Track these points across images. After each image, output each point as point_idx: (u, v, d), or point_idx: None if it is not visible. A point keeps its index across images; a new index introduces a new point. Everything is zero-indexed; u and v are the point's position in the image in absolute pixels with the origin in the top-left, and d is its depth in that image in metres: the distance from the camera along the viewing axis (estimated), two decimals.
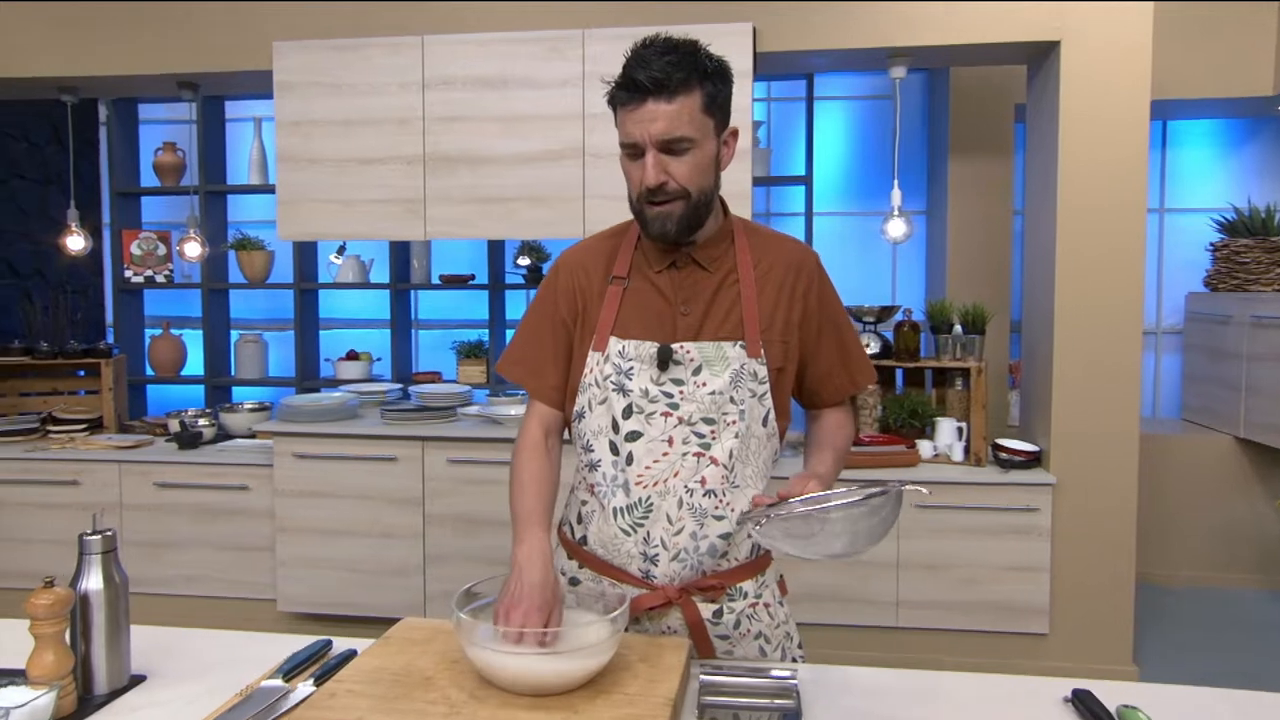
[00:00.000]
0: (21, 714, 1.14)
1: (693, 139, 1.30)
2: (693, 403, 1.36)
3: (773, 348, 1.40)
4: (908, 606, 3.30)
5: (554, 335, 1.46)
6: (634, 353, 1.38)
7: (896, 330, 3.51)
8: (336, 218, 3.40)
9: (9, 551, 3.68)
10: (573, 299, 1.45)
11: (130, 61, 3.51)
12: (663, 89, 1.27)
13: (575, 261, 1.48)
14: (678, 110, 1.28)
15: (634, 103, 1.28)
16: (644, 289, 1.42)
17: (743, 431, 1.37)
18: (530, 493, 1.39)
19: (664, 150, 1.29)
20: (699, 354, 1.37)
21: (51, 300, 4.30)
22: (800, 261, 1.46)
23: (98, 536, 1.29)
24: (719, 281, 1.41)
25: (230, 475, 3.54)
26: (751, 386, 1.38)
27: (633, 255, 1.44)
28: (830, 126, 4.69)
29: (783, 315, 1.42)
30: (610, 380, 1.39)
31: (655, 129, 1.28)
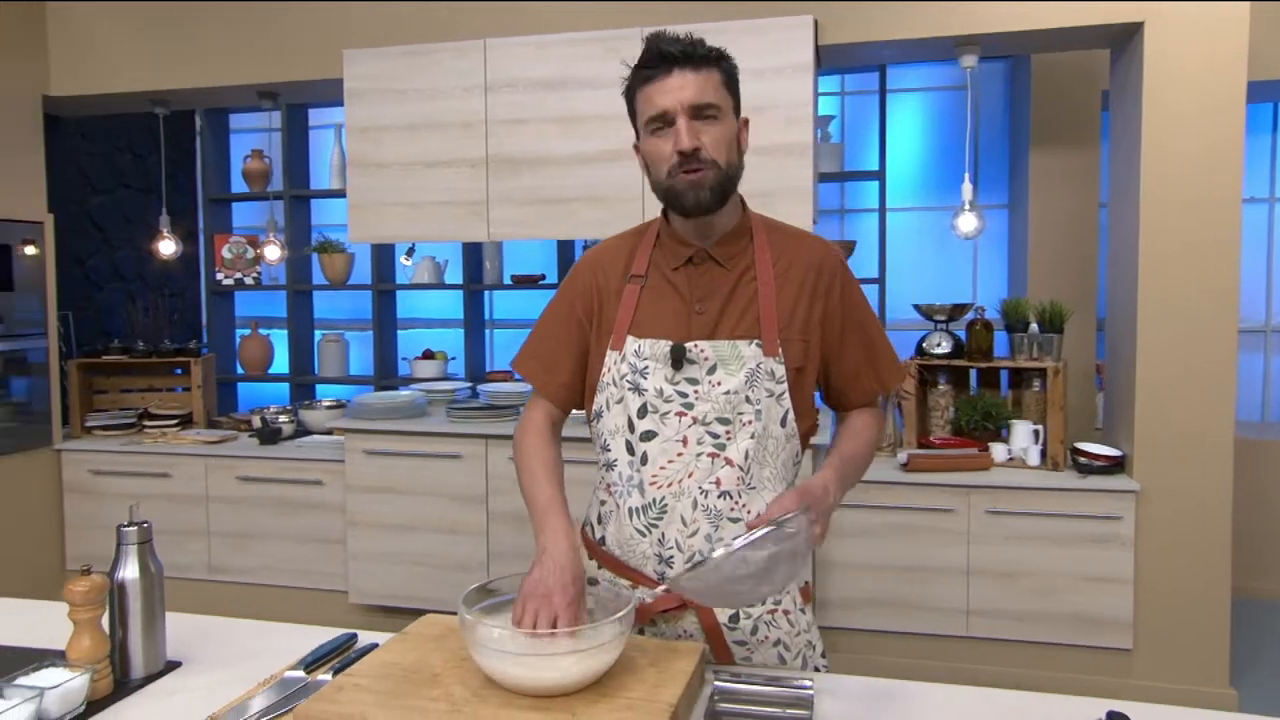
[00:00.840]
0: (55, 695, 1.20)
1: (720, 107, 1.33)
2: (707, 402, 1.34)
3: (792, 347, 1.37)
4: (978, 616, 3.18)
5: (568, 333, 1.46)
6: (649, 352, 1.36)
7: (969, 329, 3.38)
8: (404, 220, 3.49)
9: (106, 538, 3.90)
10: (589, 298, 1.45)
11: (213, 73, 3.68)
12: (689, 59, 1.31)
13: (594, 260, 1.48)
14: (705, 79, 1.31)
15: (661, 75, 1.31)
16: (661, 287, 1.40)
17: (759, 432, 1.34)
18: (544, 480, 1.38)
19: (695, 117, 1.30)
20: (713, 353, 1.35)
21: (151, 302, 4.55)
22: (821, 259, 1.42)
23: (134, 528, 1.35)
24: (736, 279, 1.39)
25: (306, 470, 3.68)
26: (769, 386, 1.35)
27: (651, 254, 1.43)
28: (907, 119, 4.55)
29: (803, 313, 1.38)
30: (626, 379, 1.38)
31: (686, 95, 1.29)
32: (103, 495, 3.88)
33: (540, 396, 1.49)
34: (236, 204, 5.02)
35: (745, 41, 3.15)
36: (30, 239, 3.79)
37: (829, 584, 3.26)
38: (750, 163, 1.26)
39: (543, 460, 1.41)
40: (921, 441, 3.41)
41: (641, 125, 1.35)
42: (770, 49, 3.12)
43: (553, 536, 1.28)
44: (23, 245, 3.76)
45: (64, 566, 3.96)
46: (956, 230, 3.27)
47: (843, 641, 3.29)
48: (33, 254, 3.81)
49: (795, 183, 3.13)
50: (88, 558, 3.93)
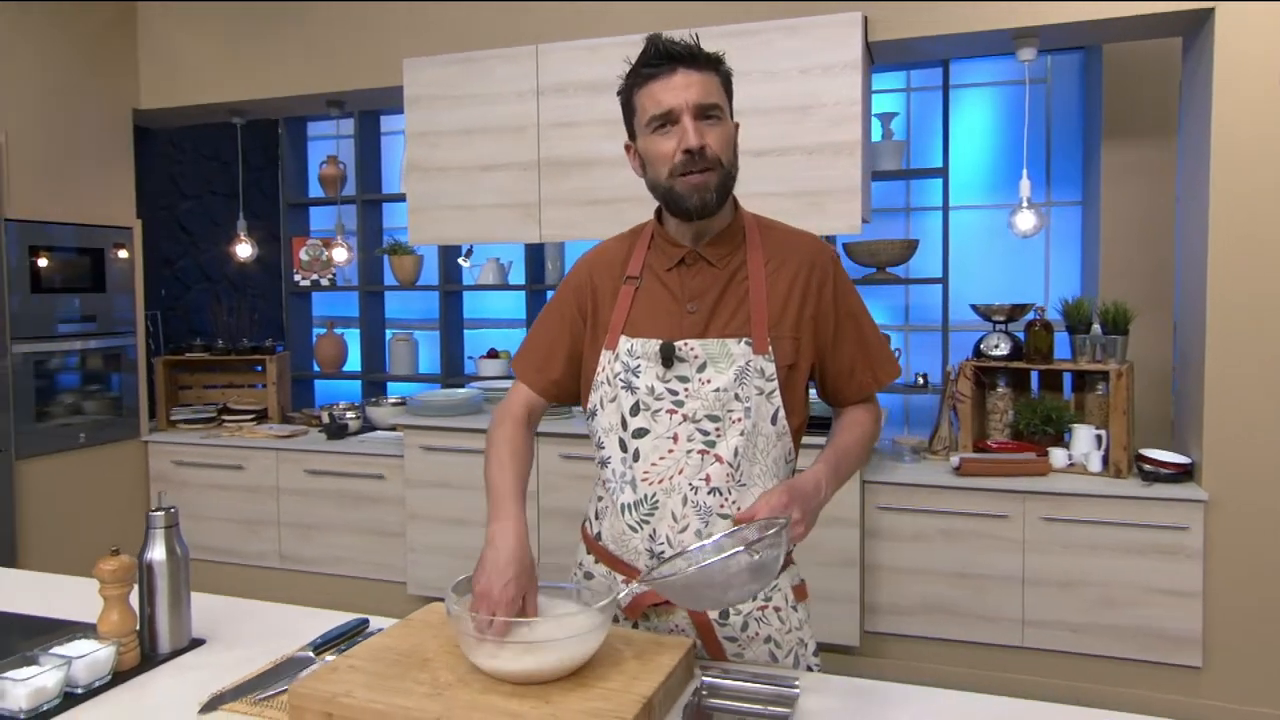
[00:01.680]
0: (82, 664, 1.30)
1: (722, 108, 1.34)
2: (697, 400, 1.35)
3: (782, 344, 1.37)
4: (1034, 626, 3.08)
5: (563, 333, 1.49)
6: (641, 350, 1.39)
7: (1028, 330, 3.28)
8: (460, 222, 3.59)
9: (189, 525, 4.12)
10: (584, 298, 1.48)
11: (285, 84, 3.87)
12: (694, 59, 1.33)
13: (591, 261, 1.51)
14: (708, 79, 1.33)
15: (665, 73, 1.32)
16: (654, 287, 1.42)
17: (749, 429, 1.35)
18: (509, 469, 1.41)
19: (699, 116, 1.31)
20: (703, 351, 1.36)
21: (235, 303, 4.80)
22: (814, 257, 1.42)
23: (161, 513, 1.44)
24: (728, 278, 1.40)
25: (369, 465, 3.82)
26: (758, 384, 1.36)
27: (645, 255, 1.45)
28: (977, 115, 4.43)
29: (794, 311, 1.39)
30: (620, 378, 1.40)
31: (692, 94, 1.31)
32: (184, 485, 4.11)
33: (522, 385, 1.51)
34: (314, 208, 5.23)
35: (791, 40, 3.14)
36: (121, 243, 4.04)
37: (878, 588, 3.21)
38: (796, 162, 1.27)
39: (511, 449, 1.44)
40: (977, 445, 3.32)
41: (642, 124, 1.35)
42: (817, 47, 3.09)
43: (500, 527, 1.31)
44: (115, 249, 4.01)
45: None
46: (1014, 229, 3.18)
47: (893, 648, 3.24)
48: (124, 257, 4.07)
49: (843, 182, 3.10)
50: None
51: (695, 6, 3.29)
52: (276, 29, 3.90)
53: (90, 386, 3.97)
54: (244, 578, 4.07)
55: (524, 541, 1.30)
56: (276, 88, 3.89)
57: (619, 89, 1.40)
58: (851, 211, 3.08)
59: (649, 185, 1.40)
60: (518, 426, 1.48)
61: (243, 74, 3.97)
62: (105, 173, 3.99)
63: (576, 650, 1.19)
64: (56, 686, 1.25)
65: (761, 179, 3.21)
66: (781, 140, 3.17)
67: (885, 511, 3.20)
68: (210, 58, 4.03)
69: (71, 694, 1.28)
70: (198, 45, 4.04)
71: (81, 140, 3.88)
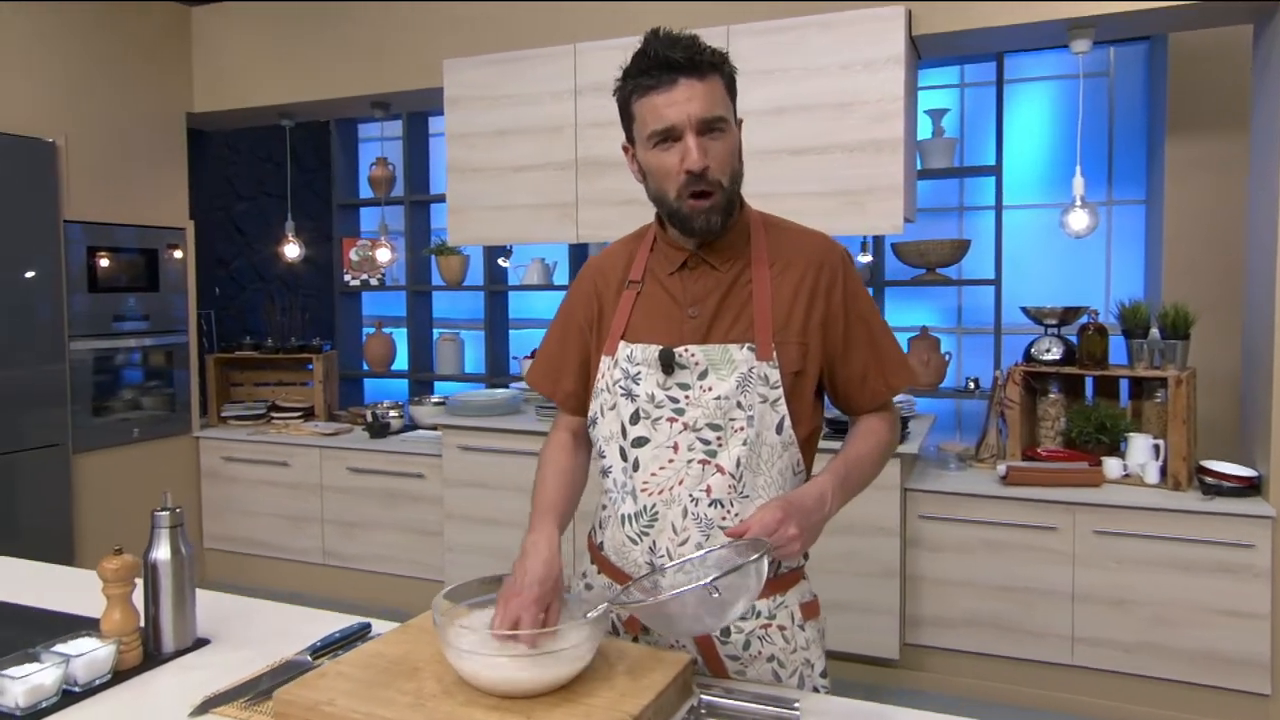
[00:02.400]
0: (80, 662, 1.30)
1: (726, 120, 1.27)
2: (698, 408, 1.30)
3: (788, 350, 1.31)
4: (1085, 644, 2.94)
5: (572, 342, 1.46)
6: (641, 357, 1.34)
7: (1080, 334, 3.14)
8: (498, 223, 3.59)
9: (236, 520, 4.23)
10: (589, 304, 1.44)
11: (331, 86, 3.92)
12: (695, 66, 1.24)
13: (596, 267, 1.47)
14: (711, 89, 1.25)
15: (665, 85, 1.24)
16: (656, 293, 1.38)
17: (752, 439, 1.29)
18: (550, 486, 1.40)
19: (703, 132, 1.24)
20: (704, 357, 1.31)
21: (288, 302, 4.89)
22: (822, 257, 1.35)
23: (166, 513, 1.45)
24: (731, 281, 1.34)
25: (409, 464, 3.84)
26: (762, 391, 1.29)
27: (648, 259, 1.40)
28: (1034, 110, 4.27)
29: (801, 315, 1.32)
30: (619, 385, 1.36)
31: (694, 108, 1.23)
32: (233, 480, 4.20)
33: (560, 410, 1.50)
34: (365, 209, 5.31)
35: (831, 35, 3.05)
36: (175, 244, 4.15)
37: (920, 600, 3.11)
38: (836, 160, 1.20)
39: (555, 468, 1.43)
40: (1026, 453, 3.19)
41: (643, 136, 1.28)
42: (858, 42, 3.00)
43: (533, 539, 1.29)
44: (169, 249, 4.12)
45: (202, 545, 4.31)
46: (1067, 228, 3.05)
47: (936, 662, 3.13)
48: (177, 257, 4.17)
49: (885, 180, 3.00)
50: (221, 537, 4.27)
51: (734, 6, 3.23)
52: (323, 32, 3.95)
53: (144, 383, 4.08)
54: (289, 573, 4.14)
55: (554, 555, 1.28)
56: (323, 90, 3.95)
57: (614, 89, 1.33)
58: (893, 211, 2.99)
59: (651, 196, 1.34)
60: (562, 448, 1.47)
61: (290, 77, 4.03)
62: (160, 175, 4.10)
63: (564, 665, 1.15)
64: (54, 685, 1.26)
65: (800, 178, 3.13)
66: (821, 138, 3.08)
67: (928, 521, 3.09)
68: (259, 61, 4.11)
69: (70, 692, 1.29)
70: (248, 49, 4.13)
71: (137, 143, 3.99)
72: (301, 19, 4.01)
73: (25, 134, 3.52)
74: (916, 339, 3.98)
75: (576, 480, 1.44)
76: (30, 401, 3.54)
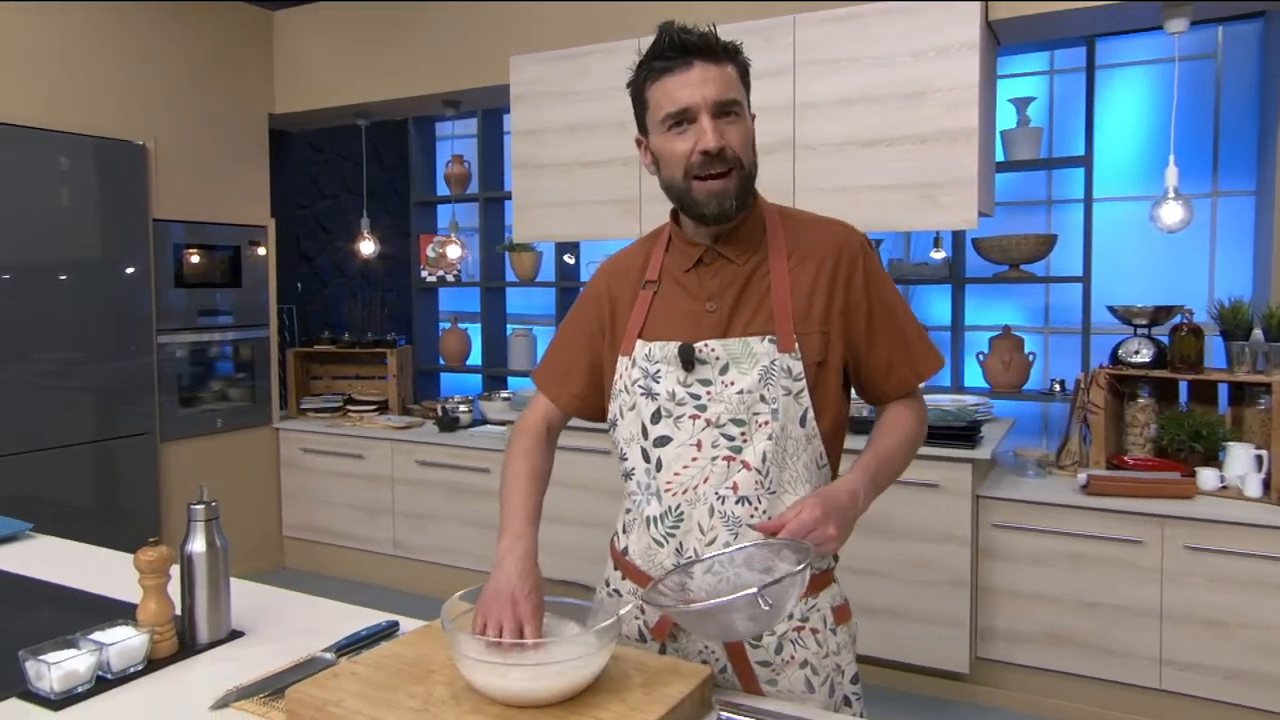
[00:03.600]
0: (114, 650, 1.33)
1: (742, 104, 1.26)
2: (720, 403, 1.26)
3: (810, 340, 1.27)
4: (1176, 668, 2.75)
5: (582, 345, 1.44)
6: (660, 354, 1.31)
7: (1172, 335, 2.93)
8: (563, 219, 3.58)
9: (313, 509, 4.35)
10: (602, 307, 1.42)
11: (403, 85, 3.99)
12: (711, 51, 1.24)
13: (609, 270, 1.45)
14: (727, 73, 1.25)
15: (681, 68, 1.24)
16: (673, 291, 1.35)
17: (777, 433, 1.25)
18: (521, 486, 1.36)
19: (718, 114, 1.23)
20: (724, 351, 1.27)
21: (369, 297, 5.01)
22: (840, 244, 1.31)
23: (202, 506, 1.47)
24: (748, 274, 1.30)
25: (474, 458, 3.88)
26: (785, 384, 1.25)
27: (663, 258, 1.37)
28: (1130, 98, 4.02)
29: (821, 304, 1.28)
30: (639, 384, 1.32)
31: (710, 91, 1.22)
32: (310, 470, 4.32)
33: (542, 398, 1.46)
34: (442, 205, 5.39)
35: (902, 21, 2.93)
36: (257, 241, 4.29)
37: (992, 612, 2.96)
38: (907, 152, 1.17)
39: (527, 466, 1.39)
40: (1112, 461, 3.01)
41: (656, 121, 1.27)
42: (931, 28, 2.87)
43: (507, 544, 1.26)
44: (251, 246, 4.26)
45: (281, 532, 4.45)
46: (1158, 222, 2.85)
47: (1008, 677, 2.98)
48: (260, 254, 4.31)
49: (957, 172, 2.87)
50: (299, 526, 4.40)
51: None
52: (395, 32, 4.02)
53: (228, 375, 4.23)
54: (361, 563, 4.24)
55: (531, 559, 1.25)
56: (395, 89, 4.02)
57: (628, 80, 1.32)
58: (967, 204, 2.85)
59: (663, 185, 1.32)
60: (536, 441, 1.43)
61: (364, 76, 4.12)
62: (243, 174, 4.25)
63: (573, 674, 1.12)
64: (88, 671, 1.29)
65: (868, 170, 3.02)
66: (891, 129, 2.97)
67: (1002, 530, 2.94)
68: (335, 62, 4.21)
69: (104, 679, 1.32)
70: (325, 50, 4.23)
71: (222, 144, 4.14)
72: (375, 20, 4.09)
73: (118, 137, 3.69)
74: (998, 338, 3.80)
75: (545, 475, 1.41)
76: (122, 392, 3.72)
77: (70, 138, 3.52)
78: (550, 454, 1.45)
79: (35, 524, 2.16)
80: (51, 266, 3.47)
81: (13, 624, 1.64)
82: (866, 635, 3.09)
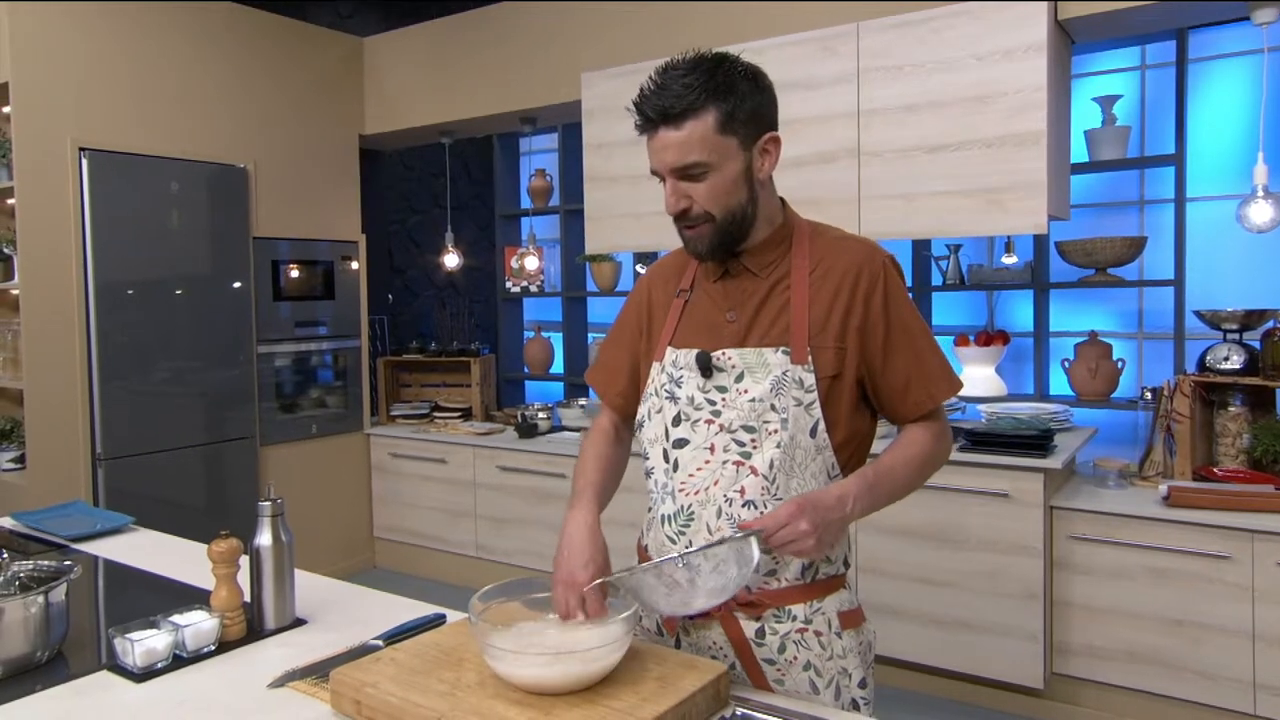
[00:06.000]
0: (189, 632, 1.47)
1: (707, 164, 1.28)
2: (734, 410, 1.32)
3: (824, 354, 1.31)
4: (1271, 692, 2.62)
5: (627, 346, 1.52)
6: (683, 361, 1.38)
7: (1265, 340, 2.79)
8: (631, 231, 3.66)
9: (402, 512, 4.55)
10: (643, 312, 1.50)
11: (481, 105, 4.15)
12: (668, 117, 1.27)
13: (651, 276, 1.54)
14: (686, 137, 1.27)
15: (649, 132, 1.31)
16: (702, 299, 1.42)
17: (785, 442, 1.29)
18: (589, 469, 1.46)
19: (681, 177, 1.30)
20: (740, 360, 1.33)
21: (457, 308, 5.21)
22: (862, 263, 1.34)
23: (269, 503, 1.60)
24: (769, 287, 1.36)
25: (553, 464, 3.99)
26: (796, 395, 1.29)
27: (698, 267, 1.45)
28: (1226, 93, 3.83)
29: (839, 320, 1.31)
30: (664, 389, 1.40)
31: (669, 157, 1.29)
32: (398, 474, 4.52)
33: (605, 408, 1.56)
34: (524, 219, 5.56)
35: (966, 25, 2.90)
36: (349, 255, 4.53)
37: (1068, 627, 2.88)
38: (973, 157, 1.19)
39: (594, 455, 1.49)
40: (1199, 472, 2.88)
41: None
42: (996, 30, 2.83)
43: (572, 515, 1.36)
44: (344, 261, 4.50)
45: (372, 533, 4.67)
46: (1245, 222, 2.72)
47: (1086, 694, 2.88)
48: (353, 268, 4.55)
49: (1024, 176, 2.81)
50: (389, 527, 4.60)
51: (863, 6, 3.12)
52: (473, 53, 4.20)
53: (322, 384, 4.47)
54: (445, 564, 4.41)
55: (594, 529, 1.34)
56: (474, 108, 4.19)
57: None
58: (1036, 209, 2.78)
59: None
60: (604, 436, 1.53)
61: (446, 97, 4.31)
62: (336, 193, 4.49)
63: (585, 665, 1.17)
64: (166, 649, 1.43)
65: (936, 176, 2.99)
66: (957, 134, 2.93)
67: (1079, 542, 2.85)
68: (419, 84, 4.41)
69: (180, 657, 1.45)
70: (410, 73, 4.45)
71: (316, 165, 4.40)
72: (456, 42, 4.27)
73: (222, 161, 3.96)
74: (1084, 345, 3.68)
75: (616, 466, 1.50)
76: (227, 399, 3.99)
77: (179, 163, 3.80)
78: (620, 446, 1.53)
79: (146, 519, 2.35)
80: (167, 282, 3.76)
81: (109, 605, 1.81)
82: (937, 647, 3.05)
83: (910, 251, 4.03)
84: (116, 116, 3.62)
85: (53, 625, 1.45)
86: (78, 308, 3.49)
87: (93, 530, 2.21)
